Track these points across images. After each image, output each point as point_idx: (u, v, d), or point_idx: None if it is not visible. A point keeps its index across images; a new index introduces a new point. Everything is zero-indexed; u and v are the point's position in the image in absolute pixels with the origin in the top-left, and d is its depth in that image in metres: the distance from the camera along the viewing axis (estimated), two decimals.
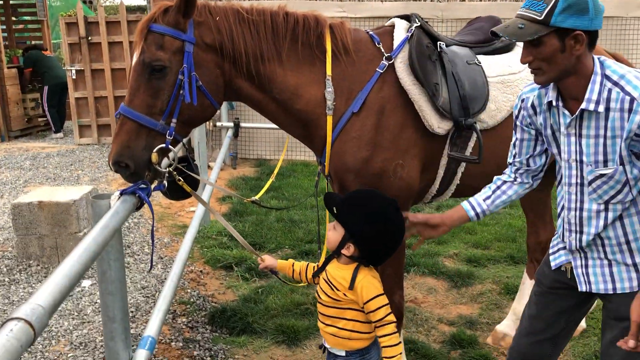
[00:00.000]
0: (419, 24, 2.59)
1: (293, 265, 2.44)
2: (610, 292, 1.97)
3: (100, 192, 4.82)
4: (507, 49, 2.84)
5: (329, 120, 2.48)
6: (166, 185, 2.34)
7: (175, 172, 2.35)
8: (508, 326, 3.48)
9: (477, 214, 2.21)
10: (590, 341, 3.40)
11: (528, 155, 2.15)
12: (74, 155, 8.35)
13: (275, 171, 3.72)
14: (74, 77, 8.99)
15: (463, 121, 2.53)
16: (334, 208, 2.16)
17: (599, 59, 1.85)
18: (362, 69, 2.52)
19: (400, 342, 2.16)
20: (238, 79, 2.42)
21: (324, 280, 2.24)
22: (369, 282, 2.15)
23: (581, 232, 1.97)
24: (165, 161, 2.34)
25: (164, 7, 2.30)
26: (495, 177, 2.27)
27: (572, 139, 1.91)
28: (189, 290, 4.06)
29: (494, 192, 2.22)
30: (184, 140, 2.48)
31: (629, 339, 1.80)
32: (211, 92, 2.34)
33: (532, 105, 2.03)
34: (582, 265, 2.02)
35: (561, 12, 1.73)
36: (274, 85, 2.46)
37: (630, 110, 1.75)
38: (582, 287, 2.03)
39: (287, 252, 4.76)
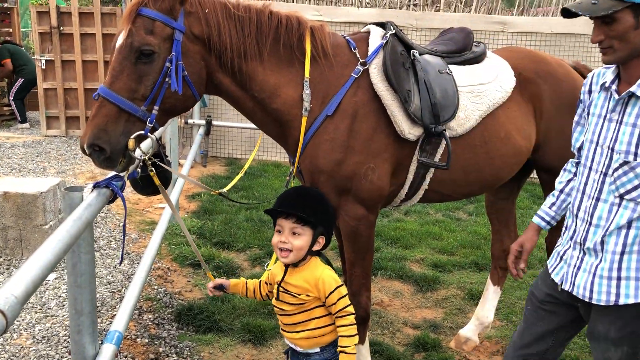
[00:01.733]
0: (393, 31, 2.65)
1: (247, 284, 2.46)
2: (587, 299, 2.00)
3: (67, 185, 4.74)
4: (477, 60, 2.93)
5: (304, 121, 2.51)
6: (139, 173, 2.33)
7: (150, 162, 2.34)
8: (471, 330, 3.56)
9: (547, 222, 2.30)
10: None
11: (579, 143, 2.16)
12: (40, 147, 8.19)
13: (245, 166, 3.74)
14: (43, 67, 8.81)
15: (433, 128, 2.60)
16: (302, 216, 2.17)
17: None
18: (338, 73, 2.56)
19: (356, 334, 2.21)
20: (220, 73, 2.43)
21: (283, 292, 2.26)
22: (328, 276, 2.21)
23: (590, 224, 1.98)
24: (138, 151, 2.32)
25: None
26: (557, 180, 2.31)
27: (613, 125, 1.93)
28: (155, 287, 4.04)
29: (557, 197, 2.29)
30: (157, 134, 2.47)
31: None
32: (194, 83, 2.34)
33: (591, 84, 2.08)
34: (575, 266, 2.05)
35: None
36: (254, 83, 2.48)
37: None
38: (566, 286, 2.06)
39: (255, 251, 4.77)
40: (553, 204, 2.31)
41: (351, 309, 2.21)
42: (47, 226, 4.27)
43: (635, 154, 1.86)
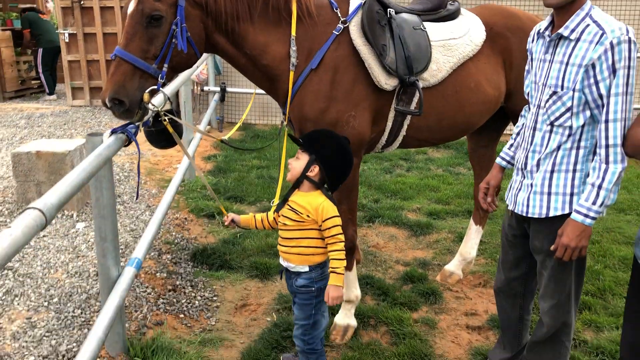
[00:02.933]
0: None
1: (254, 217, 2.85)
2: (524, 214, 2.39)
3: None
4: (451, 17, 3.24)
5: (291, 75, 2.87)
6: (151, 126, 2.72)
7: (163, 113, 2.72)
8: (455, 266, 3.95)
9: (508, 162, 2.66)
10: None
11: (529, 88, 2.48)
12: (67, 116, 8.70)
13: (244, 116, 4.16)
14: (66, 40, 9.27)
15: (407, 79, 2.94)
16: (300, 140, 2.59)
17: (591, 4, 2.21)
18: (321, 30, 2.91)
19: (345, 259, 2.60)
20: (216, 34, 2.79)
21: (288, 209, 2.65)
22: (329, 205, 2.58)
23: (528, 150, 2.36)
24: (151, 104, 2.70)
25: None
26: (515, 126, 2.67)
27: (546, 64, 2.30)
28: (173, 234, 4.50)
29: (514, 139, 2.65)
30: (169, 94, 2.86)
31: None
32: (196, 43, 2.70)
33: (534, 34, 2.44)
34: (517, 188, 2.44)
35: None
36: (246, 42, 2.84)
37: (597, 43, 2.11)
38: (511, 206, 2.47)
39: (265, 204, 5.19)
40: (511, 145, 2.67)
41: (342, 237, 2.59)
42: None
43: (562, 86, 2.21)
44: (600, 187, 2.15)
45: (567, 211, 2.27)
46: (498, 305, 2.81)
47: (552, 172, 2.29)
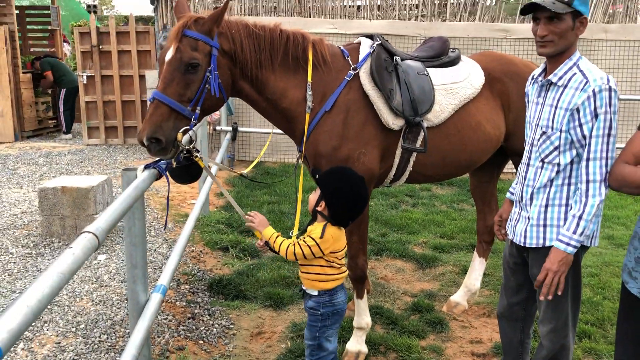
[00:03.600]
0: (380, 42, 3.29)
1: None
2: (522, 244, 2.60)
3: (114, 183, 5.44)
4: (452, 63, 3.54)
5: (307, 117, 3.15)
6: (182, 158, 2.96)
7: (194, 149, 2.96)
8: (460, 296, 4.14)
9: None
10: None
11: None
12: (83, 154, 9.02)
13: (262, 152, 4.46)
14: (84, 82, 9.68)
15: (413, 119, 3.21)
16: (317, 176, 2.83)
17: (579, 55, 2.47)
18: (334, 76, 3.20)
19: (283, 251, 2.77)
20: (241, 80, 3.07)
21: (303, 237, 2.88)
22: (317, 227, 2.78)
23: (524, 185, 2.60)
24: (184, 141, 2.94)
25: (194, 18, 2.89)
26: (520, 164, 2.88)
27: (538, 107, 2.56)
28: (190, 265, 4.72)
29: (519, 175, 2.84)
30: (192, 135, 3.12)
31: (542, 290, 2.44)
32: (224, 88, 2.98)
33: (530, 79, 2.69)
34: (515, 219, 2.67)
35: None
36: (267, 88, 3.13)
37: (581, 90, 2.37)
38: (510, 236, 2.69)
39: None
40: (517, 181, 2.91)
41: (306, 248, 2.72)
42: (97, 215, 4.99)
43: (552, 127, 2.47)
44: (580, 217, 2.38)
45: (551, 243, 2.50)
46: (501, 329, 3.00)
47: (546, 206, 2.53)
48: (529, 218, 2.58)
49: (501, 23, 8.25)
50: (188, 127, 2.86)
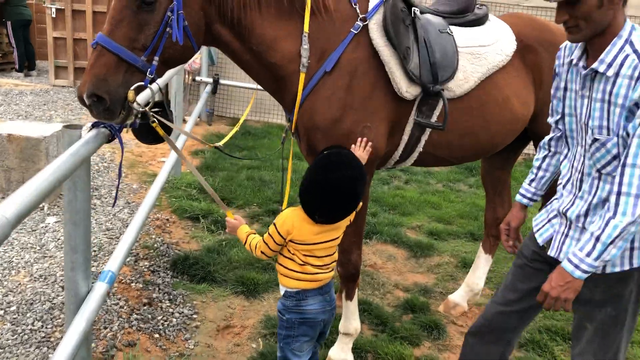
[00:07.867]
0: None
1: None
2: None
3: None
4: (479, 22, 2.90)
5: (302, 77, 2.50)
6: (138, 124, 2.33)
7: (151, 113, 2.33)
8: (460, 296, 3.62)
9: (529, 199, 2.31)
10: None
11: (558, 116, 2.15)
12: (47, 96, 8.22)
13: (240, 120, 3.77)
14: (53, 15, 8.78)
15: (431, 87, 2.59)
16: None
17: (632, 24, 1.84)
18: (338, 28, 2.53)
19: (252, 250, 2.30)
20: (219, 24, 2.40)
21: None
22: (300, 214, 2.21)
23: (576, 196, 2.01)
24: (139, 99, 2.31)
25: None
26: (534, 157, 2.32)
27: (585, 101, 1.93)
28: (153, 236, 4.11)
29: (535, 174, 2.30)
30: (161, 83, 2.46)
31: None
32: (194, 34, 2.30)
33: (563, 56, 2.06)
34: (563, 233, 2.08)
35: None
36: (252, 35, 2.45)
37: (637, 79, 1.75)
38: (552, 253, 2.10)
39: (254, 209, 4.82)
40: (532, 180, 2.32)
41: (262, 241, 2.25)
42: None
43: (608, 128, 1.85)
44: (598, 239, 1.82)
45: (626, 267, 1.94)
46: (466, 353, 2.36)
47: None
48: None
49: None
50: (142, 83, 2.20)
